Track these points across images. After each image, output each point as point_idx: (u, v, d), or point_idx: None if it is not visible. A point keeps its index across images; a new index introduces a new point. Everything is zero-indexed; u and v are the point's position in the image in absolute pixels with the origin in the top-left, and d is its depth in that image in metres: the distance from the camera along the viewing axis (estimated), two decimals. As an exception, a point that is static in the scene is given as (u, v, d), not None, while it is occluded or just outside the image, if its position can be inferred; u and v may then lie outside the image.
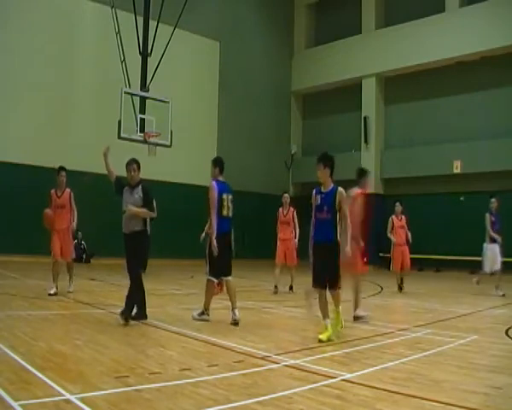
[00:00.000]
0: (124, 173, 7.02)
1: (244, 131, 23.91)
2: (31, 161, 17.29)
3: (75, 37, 19.21)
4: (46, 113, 18.25)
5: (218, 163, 7.13)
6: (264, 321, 7.53)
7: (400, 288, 11.77)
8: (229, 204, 7.06)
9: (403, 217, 12.06)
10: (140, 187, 6.84)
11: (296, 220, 11.45)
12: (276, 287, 11.02)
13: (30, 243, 15.79)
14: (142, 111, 16.43)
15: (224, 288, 7.55)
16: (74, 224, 9.57)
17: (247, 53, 24.33)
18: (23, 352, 4.73)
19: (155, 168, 19.88)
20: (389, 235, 12.06)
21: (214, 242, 6.76)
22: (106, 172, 7.46)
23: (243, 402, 3.59)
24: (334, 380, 4.22)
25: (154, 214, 6.92)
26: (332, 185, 6.05)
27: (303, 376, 4.35)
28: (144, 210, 6.77)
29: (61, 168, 9.72)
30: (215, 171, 7.10)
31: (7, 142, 16.99)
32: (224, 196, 6.98)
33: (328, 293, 6.00)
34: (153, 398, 3.65)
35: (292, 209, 11.48)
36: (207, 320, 7.10)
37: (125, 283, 11.97)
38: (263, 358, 4.91)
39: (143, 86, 16.73)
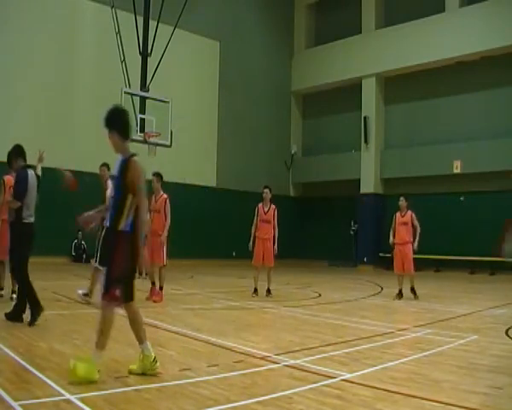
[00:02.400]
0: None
1: (244, 131, 23.91)
2: (31, 161, 17.26)
3: (75, 37, 19.19)
4: (46, 113, 18.25)
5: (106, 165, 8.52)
6: (264, 321, 7.53)
7: (401, 294, 10.47)
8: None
9: (408, 213, 10.76)
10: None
11: (276, 220, 10.41)
12: (256, 290, 10.28)
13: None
14: (142, 111, 16.43)
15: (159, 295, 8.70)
16: None
17: (247, 53, 24.32)
18: (23, 352, 4.73)
19: (155, 168, 19.89)
20: (390, 233, 10.86)
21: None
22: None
23: (243, 402, 3.59)
24: (334, 380, 4.22)
25: (16, 204, 6.63)
26: (128, 154, 4.41)
27: (303, 376, 4.35)
28: (10, 199, 6.69)
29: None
30: (107, 173, 8.74)
31: (7, 142, 16.93)
32: None
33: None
34: (153, 398, 3.65)
35: (273, 207, 10.45)
36: (89, 303, 7.96)
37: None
38: (263, 358, 4.91)
39: (143, 86, 16.73)
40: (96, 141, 19.16)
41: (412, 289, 10.57)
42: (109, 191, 8.06)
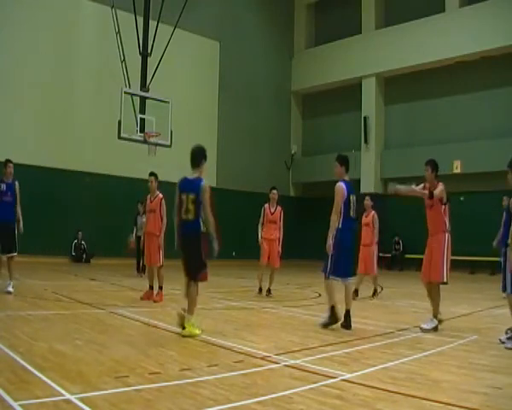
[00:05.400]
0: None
1: (244, 131, 23.91)
2: (31, 161, 17.30)
3: (75, 37, 19.20)
4: (46, 113, 18.26)
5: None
6: (264, 321, 7.52)
7: (376, 292, 10.45)
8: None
9: (371, 213, 10.60)
10: None
11: (282, 221, 10.41)
12: (260, 290, 10.38)
13: (30, 243, 15.78)
14: (142, 111, 16.42)
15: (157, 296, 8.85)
16: None
17: (247, 53, 24.33)
18: (23, 352, 4.72)
19: (155, 168, 19.89)
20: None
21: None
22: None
23: (243, 402, 3.59)
24: (334, 380, 4.22)
25: None
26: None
27: (303, 376, 4.35)
28: None
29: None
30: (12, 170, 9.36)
31: (7, 142, 16.98)
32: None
33: None
34: (153, 398, 3.65)
35: (280, 208, 10.43)
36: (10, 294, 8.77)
37: (125, 283, 12.03)
38: (263, 358, 4.91)
39: (143, 86, 16.72)
40: (96, 141, 19.26)
41: (375, 292, 10.42)
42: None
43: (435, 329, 6.55)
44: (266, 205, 10.48)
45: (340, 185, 6.87)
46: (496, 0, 19.53)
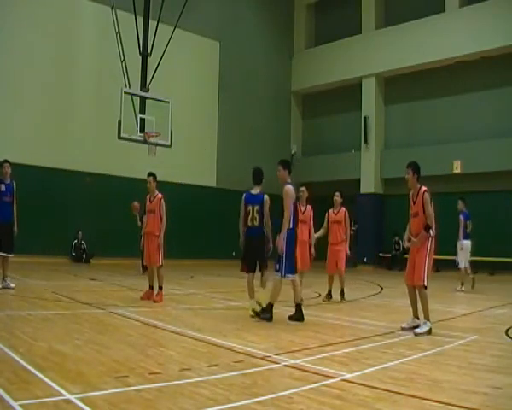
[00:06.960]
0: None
1: (244, 131, 23.90)
2: (31, 161, 17.31)
3: (75, 37, 19.20)
4: (46, 113, 18.25)
5: None
6: (264, 321, 7.52)
7: (330, 295, 9.95)
8: None
9: (341, 210, 10.31)
10: None
11: (312, 220, 9.63)
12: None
13: (30, 243, 15.80)
14: (142, 111, 16.41)
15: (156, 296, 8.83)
16: None
17: (247, 53, 24.32)
18: (23, 352, 4.73)
19: (155, 168, 19.86)
20: (320, 232, 10.22)
21: None
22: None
23: (243, 402, 3.59)
24: (334, 380, 4.22)
25: None
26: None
27: (303, 376, 4.35)
28: None
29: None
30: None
31: (7, 142, 16.99)
32: None
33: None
34: (153, 398, 3.65)
35: (310, 207, 9.63)
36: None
37: (125, 283, 12.03)
38: (263, 358, 4.91)
39: (143, 86, 16.72)
40: (96, 141, 19.26)
41: (342, 292, 9.93)
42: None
43: (429, 332, 6.45)
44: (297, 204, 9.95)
45: (290, 187, 7.34)
46: (496, 0, 19.53)
